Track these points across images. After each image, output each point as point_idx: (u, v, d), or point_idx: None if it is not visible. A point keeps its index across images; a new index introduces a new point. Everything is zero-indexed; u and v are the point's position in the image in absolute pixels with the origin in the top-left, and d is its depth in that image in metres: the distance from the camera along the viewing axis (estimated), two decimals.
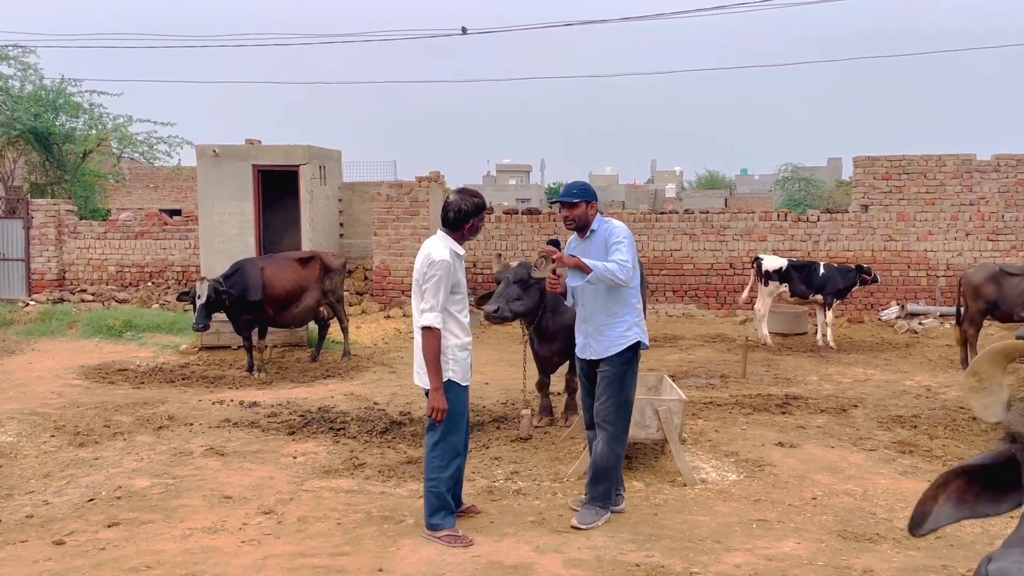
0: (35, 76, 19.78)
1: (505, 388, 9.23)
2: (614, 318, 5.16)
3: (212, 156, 14.33)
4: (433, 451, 4.89)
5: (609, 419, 5.13)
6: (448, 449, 4.88)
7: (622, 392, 5.17)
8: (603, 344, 5.19)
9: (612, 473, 5.15)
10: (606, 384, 5.16)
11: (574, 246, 5.41)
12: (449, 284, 4.79)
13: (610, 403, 5.14)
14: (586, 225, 5.27)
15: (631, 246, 5.15)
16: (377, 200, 15.08)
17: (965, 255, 14.81)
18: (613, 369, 5.16)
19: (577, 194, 5.22)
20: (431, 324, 4.72)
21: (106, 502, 5.57)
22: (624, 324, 5.17)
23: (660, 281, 15.45)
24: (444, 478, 4.87)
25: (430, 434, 4.92)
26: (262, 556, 4.64)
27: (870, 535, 4.99)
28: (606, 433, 5.14)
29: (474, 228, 4.98)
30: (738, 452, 6.69)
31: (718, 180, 59.69)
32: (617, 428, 5.15)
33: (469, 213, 4.90)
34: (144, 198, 32.84)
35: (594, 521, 5.06)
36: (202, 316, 9.74)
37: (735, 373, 10.19)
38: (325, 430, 7.43)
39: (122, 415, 8.02)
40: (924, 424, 7.68)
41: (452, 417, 4.83)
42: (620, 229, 5.19)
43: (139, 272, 16.76)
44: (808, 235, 15.25)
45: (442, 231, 4.96)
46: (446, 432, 4.86)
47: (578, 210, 5.23)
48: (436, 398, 4.75)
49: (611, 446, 5.13)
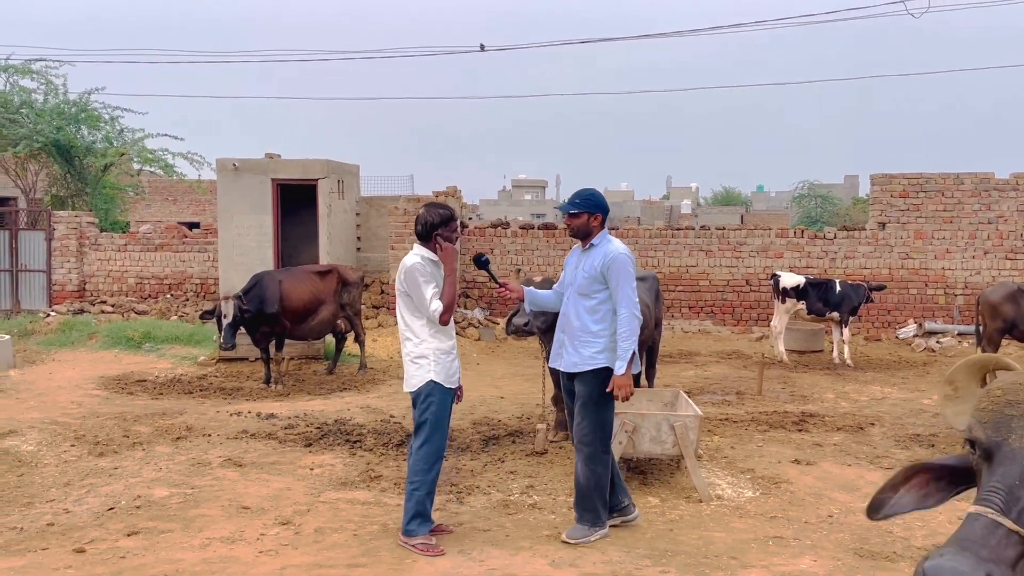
0: (59, 89, 20.08)
1: (520, 402, 9.24)
2: (591, 337, 5.09)
3: (232, 170, 14.47)
4: (418, 453, 5.02)
5: (586, 440, 5.07)
6: (432, 451, 5.00)
7: (599, 413, 5.08)
8: (573, 359, 5.12)
9: (595, 494, 5.07)
10: (581, 405, 5.10)
11: (575, 255, 5.31)
12: (432, 278, 5.01)
13: (586, 424, 5.07)
14: (588, 235, 5.20)
15: (632, 278, 5.04)
16: (394, 214, 15.17)
17: (983, 274, 14.73)
18: (588, 390, 5.08)
19: (580, 204, 5.15)
20: (437, 310, 4.99)
21: (126, 511, 5.63)
22: (598, 345, 5.07)
23: (675, 297, 15.44)
24: (427, 480, 4.98)
25: (415, 438, 5.06)
26: (279, 566, 4.68)
27: (887, 553, 4.97)
28: (583, 454, 5.08)
29: (444, 238, 5.13)
30: (754, 469, 6.67)
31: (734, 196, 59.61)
32: (595, 448, 5.07)
33: (435, 224, 5.11)
34: (163, 211, 33.15)
35: (585, 536, 5.01)
36: (229, 336, 9.79)
37: (751, 390, 10.17)
38: (342, 442, 7.47)
39: (141, 425, 8.09)
40: (942, 443, 7.64)
41: (436, 420, 4.97)
42: (622, 257, 5.05)
43: (158, 284, 16.91)
44: (825, 252, 15.21)
45: (417, 244, 5.21)
46: (431, 433, 4.99)
47: (578, 220, 5.16)
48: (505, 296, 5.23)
49: (590, 466, 5.05)
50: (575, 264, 5.25)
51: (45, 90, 20.12)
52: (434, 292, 5.00)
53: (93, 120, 19.76)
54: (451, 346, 5.11)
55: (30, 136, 18.57)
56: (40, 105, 19.70)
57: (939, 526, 5.43)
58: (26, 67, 19.95)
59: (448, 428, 5.22)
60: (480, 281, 15.90)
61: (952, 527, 5.42)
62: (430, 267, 5.08)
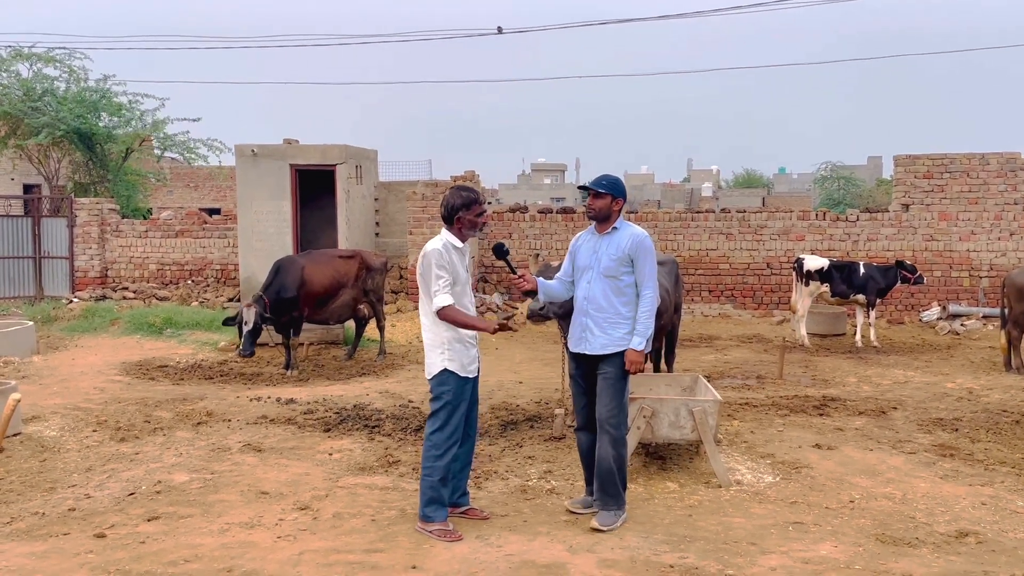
0: (80, 77, 20.19)
1: (539, 387, 9.22)
2: (620, 319, 5.11)
3: (251, 156, 14.51)
4: (430, 439, 5.01)
5: (612, 421, 5.06)
6: (445, 437, 4.97)
7: (623, 394, 5.13)
8: (602, 341, 5.10)
9: (619, 476, 5.08)
10: (608, 386, 5.09)
11: (586, 239, 5.28)
12: (445, 272, 4.92)
13: (613, 404, 5.07)
14: (607, 219, 5.19)
15: (655, 261, 5.17)
16: (412, 199, 15.16)
17: (1009, 255, 14.52)
18: (616, 371, 5.09)
19: (606, 185, 5.16)
20: (441, 304, 4.89)
21: (146, 496, 5.67)
22: (628, 326, 5.11)
23: (696, 281, 15.34)
24: (439, 467, 4.95)
25: (429, 422, 5.05)
26: (298, 551, 4.69)
27: (909, 539, 4.90)
28: (610, 436, 5.06)
29: (467, 222, 5.07)
30: (774, 454, 6.62)
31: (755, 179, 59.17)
32: (620, 431, 5.10)
33: (457, 207, 5.04)
34: (184, 197, 33.37)
35: (613, 523, 5.02)
36: (248, 343, 9.79)
37: (772, 374, 10.09)
38: (360, 427, 7.48)
39: (162, 411, 8.15)
40: (966, 427, 7.54)
41: (449, 406, 4.95)
42: (648, 241, 5.16)
43: (179, 270, 17.02)
44: (847, 235, 15.05)
45: (444, 229, 5.15)
46: (444, 421, 4.97)
47: (602, 201, 5.15)
48: (484, 326, 4.99)
49: (617, 449, 5.07)
50: (592, 248, 5.20)
51: (67, 78, 20.26)
52: (445, 284, 4.91)
53: (114, 107, 19.86)
54: (468, 335, 5.04)
55: (52, 124, 18.70)
56: (62, 93, 19.82)
57: (962, 511, 5.37)
58: (49, 55, 20.08)
59: (470, 417, 5.17)
60: (499, 266, 15.88)
61: (976, 512, 5.37)
62: (450, 255, 4.99)
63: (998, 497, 5.65)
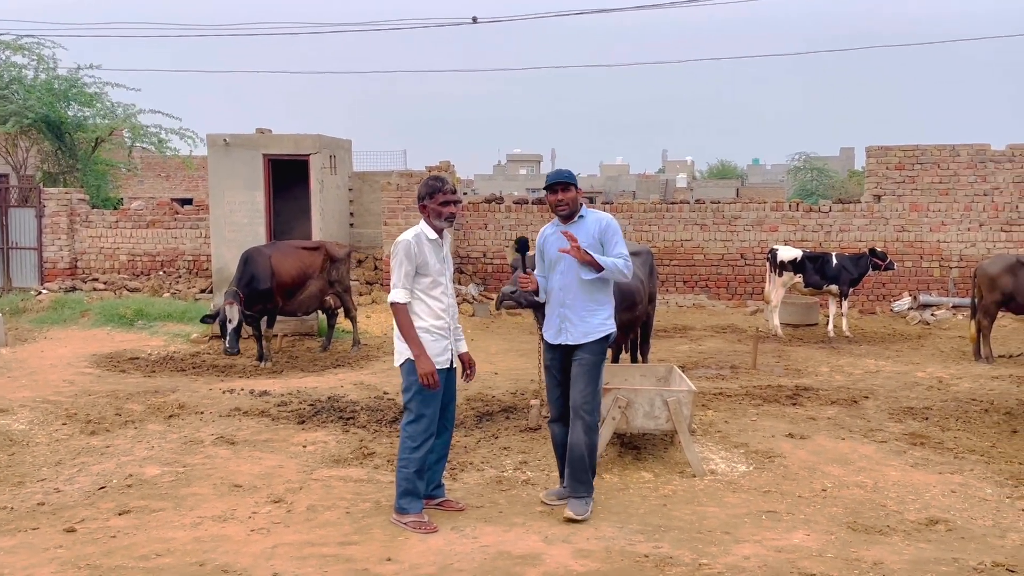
0: (50, 65, 19.86)
1: (514, 378, 9.22)
2: (597, 305, 5.17)
3: (223, 145, 14.33)
4: (405, 430, 4.99)
5: (587, 408, 5.08)
6: (421, 429, 4.96)
7: (598, 380, 5.17)
8: (582, 330, 5.13)
9: (589, 463, 5.11)
10: (585, 372, 5.11)
11: (552, 232, 5.30)
12: (410, 264, 4.93)
13: (589, 391, 5.10)
14: (576, 211, 5.23)
15: (623, 238, 5.25)
16: (387, 190, 15.07)
17: (979, 246, 14.70)
18: (592, 357, 5.13)
19: (571, 177, 5.23)
20: (394, 300, 4.95)
21: (117, 490, 5.60)
22: (605, 312, 5.20)
23: (670, 271, 15.40)
24: (415, 459, 4.94)
25: (404, 414, 5.04)
26: (271, 545, 4.65)
27: (880, 527, 4.96)
28: (584, 422, 5.08)
29: (432, 211, 5.05)
30: (748, 443, 6.66)
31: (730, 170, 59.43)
32: (594, 417, 5.15)
33: (422, 195, 5.06)
34: (156, 187, 32.96)
35: (586, 510, 5.04)
36: (234, 341, 9.66)
37: (745, 364, 10.16)
38: (335, 419, 7.44)
39: (133, 403, 8.06)
40: (936, 416, 7.63)
41: (419, 396, 4.93)
42: (614, 221, 5.24)
43: (150, 261, 16.83)
44: (820, 225, 15.17)
45: (421, 219, 5.15)
46: (419, 413, 4.94)
47: (571, 194, 5.17)
48: (420, 365, 4.88)
49: (589, 435, 5.10)
50: (560, 240, 5.18)
51: (36, 66, 19.92)
52: (406, 277, 4.91)
53: (84, 96, 19.57)
54: (437, 326, 5.00)
55: (20, 112, 18.38)
56: (30, 81, 19.49)
57: (932, 499, 5.43)
58: (16, 43, 19.72)
59: (446, 409, 5.15)
60: (474, 257, 15.84)
61: (945, 500, 5.43)
62: (421, 246, 4.97)
63: (967, 485, 5.72)
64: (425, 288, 5.00)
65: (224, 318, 9.71)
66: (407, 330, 4.93)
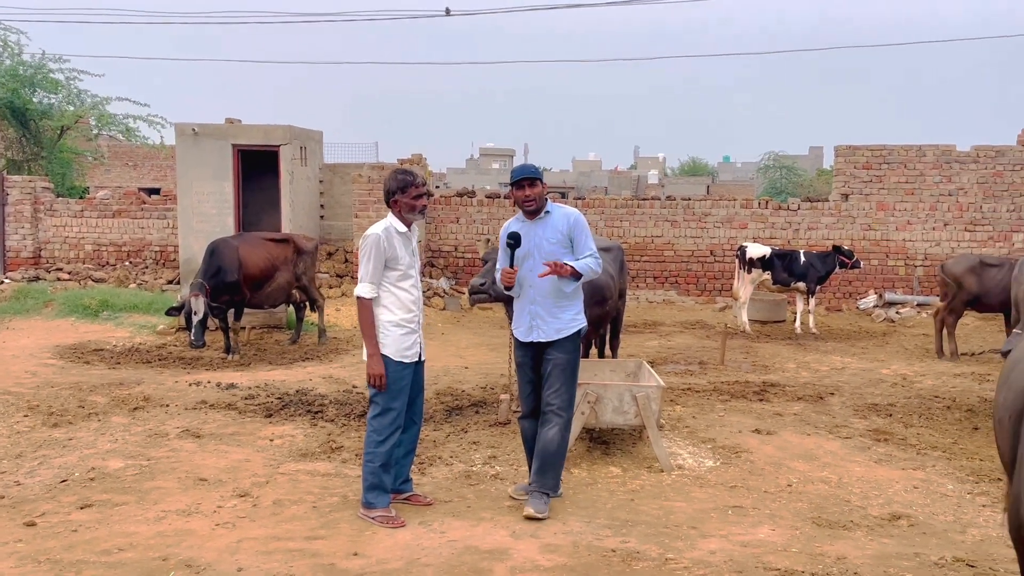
0: (14, 51, 19.49)
1: (484, 373, 9.22)
2: (567, 300, 5.13)
3: (191, 135, 14.17)
4: (371, 424, 4.98)
5: (563, 407, 5.07)
6: (387, 423, 4.94)
7: (573, 379, 5.15)
8: (554, 327, 5.10)
9: (560, 461, 5.12)
10: (559, 371, 5.09)
11: (517, 226, 5.21)
12: (379, 258, 4.90)
13: (564, 391, 5.08)
14: (542, 207, 5.17)
15: (591, 235, 5.22)
16: (358, 182, 14.98)
17: (943, 245, 14.92)
18: (566, 356, 5.10)
19: (535, 172, 5.15)
20: (359, 294, 4.93)
21: (79, 483, 5.52)
22: (575, 308, 5.17)
23: (641, 267, 15.47)
24: (380, 452, 4.92)
25: (370, 408, 5.03)
26: (236, 539, 4.61)
27: (844, 522, 5.02)
28: (560, 420, 5.06)
29: (404, 205, 5.00)
30: (715, 439, 6.71)
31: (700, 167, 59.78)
32: (568, 416, 5.14)
33: (392, 190, 5.01)
34: (123, 176, 32.49)
35: (545, 508, 5.00)
36: (199, 333, 9.53)
37: (714, 360, 10.23)
38: (303, 413, 7.38)
39: (97, 395, 7.94)
40: (899, 413, 7.74)
41: (388, 391, 4.91)
42: (582, 218, 5.20)
43: (116, 251, 16.59)
44: (788, 223, 15.31)
45: (389, 213, 5.10)
46: (385, 407, 4.93)
47: (538, 189, 5.12)
48: (370, 364, 4.90)
49: (563, 434, 5.08)
50: (527, 236, 5.13)
51: (0, 52, 19.53)
52: (373, 269, 4.88)
53: (50, 83, 19.23)
54: (406, 319, 4.98)
55: None
56: None
57: (895, 495, 5.51)
58: None
59: (416, 402, 5.15)
60: (445, 251, 15.80)
61: (908, 496, 5.50)
62: (391, 239, 4.93)
63: (929, 481, 5.81)
64: (394, 281, 4.97)
65: (189, 310, 9.59)
66: (367, 327, 4.92)
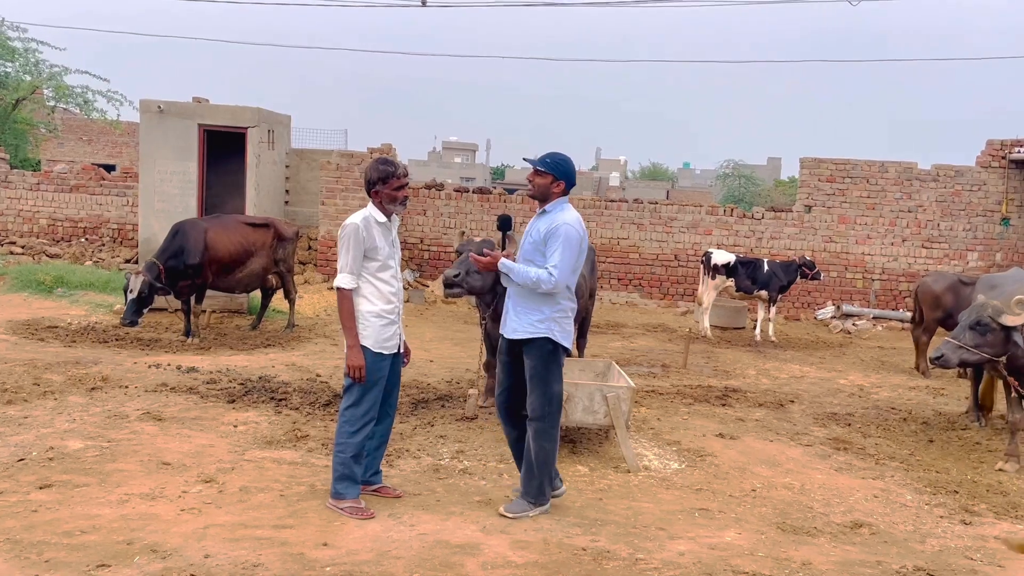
0: None
1: (449, 367, 9.18)
2: (533, 303, 4.95)
3: (157, 112, 13.89)
4: (344, 414, 4.93)
5: (535, 414, 4.98)
6: (360, 414, 4.90)
7: (548, 386, 4.98)
8: (512, 325, 5.02)
9: (542, 469, 4.99)
10: (529, 379, 5.00)
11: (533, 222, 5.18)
12: (358, 248, 4.85)
13: (534, 398, 4.98)
14: (545, 199, 5.03)
15: (571, 249, 4.85)
16: (326, 169, 14.83)
17: (900, 260, 15.23)
18: (533, 363, 4.98)
19: (549, 164, 4.98)
20: (339, 285, 4.89)
21: (37, 463, 5.38)
22: (540, 314, 4.95)
23: (605, 269, 15.54)
24: (352, 443, 4.88)
25: (344, 398, 4.98)
26: (202, 525, 4.53)
27: (808, 528, 5.09)
28: (532, 428, 5.00)
29: (386, 196, 4.96)
30: (680, 441, 6.77)
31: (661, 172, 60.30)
32: (545, 423, 4.98)
33: (374, 180, 4.96)
34: (77, 151, 31.71)
35: (524, 512, 4.94)
36: (131, 311, 9.31)
37: (676, 363, 10.32)
38: (266, 400, 7.28)
39: (53, 374, 7.75)
40: (858, 423, 7.88)
41: (362, 383, 4.87)
42: (567, 229, 4.86)
43: (72, 227, 16.20)
44: (752, 232, 15.50)
45: (369, 202, 5.05)
46: (359, 397, 4.89)
47: (543, 179, 4.98)
48: (350, 355, 4.86)
49: (540, 441, 4.97)
50: (528, 229, 5.14)
51: None
52: (353, 260, 4.81)
53: (7, 51, 18.71)
54: (386, 310, 4.94)
55: None
56: None
57: (856, 503, 5.61)
58: None
59: (389, 394, 5.09)
60: (412, 243, 15.71)
61: (868, 505, 5.60)
62: (370, 230, 4.88)
63: (888, 491, 5.93)
64: (374, 272, 4.93)
65: (127, 286, 9.38)
66: (347, 318, 4.86)
